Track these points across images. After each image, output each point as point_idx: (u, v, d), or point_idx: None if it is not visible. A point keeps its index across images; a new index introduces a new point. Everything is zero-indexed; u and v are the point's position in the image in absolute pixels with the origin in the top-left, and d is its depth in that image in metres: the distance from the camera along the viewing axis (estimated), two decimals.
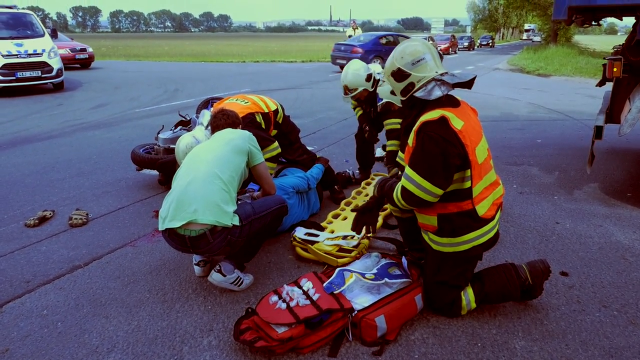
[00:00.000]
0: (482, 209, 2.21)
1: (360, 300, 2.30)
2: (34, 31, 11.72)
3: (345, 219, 3.58)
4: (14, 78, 10.79)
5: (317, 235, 3.14)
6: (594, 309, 2.49)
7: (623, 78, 4.20)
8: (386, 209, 3.55)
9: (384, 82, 2.38)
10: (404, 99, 2.32)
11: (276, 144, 3.74)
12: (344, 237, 3.10)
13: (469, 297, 2.38)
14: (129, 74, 16.85)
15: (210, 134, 2.99)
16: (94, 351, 2.21)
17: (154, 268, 3.00)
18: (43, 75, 11.19)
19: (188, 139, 3.37)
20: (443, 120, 2.10)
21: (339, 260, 2.88)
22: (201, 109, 4.86)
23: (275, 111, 3.90)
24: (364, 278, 2.40)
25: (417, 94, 2.22)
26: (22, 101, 10.27)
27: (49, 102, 10.18)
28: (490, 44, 49.35)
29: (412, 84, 2.24)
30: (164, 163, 4.19)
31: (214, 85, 13.60)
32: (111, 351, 2.21)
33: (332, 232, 3.27)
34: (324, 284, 2.36)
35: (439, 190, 2.13)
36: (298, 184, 3.55)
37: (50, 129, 7.43)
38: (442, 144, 2.08)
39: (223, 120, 2.94)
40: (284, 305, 2.23)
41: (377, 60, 16.12)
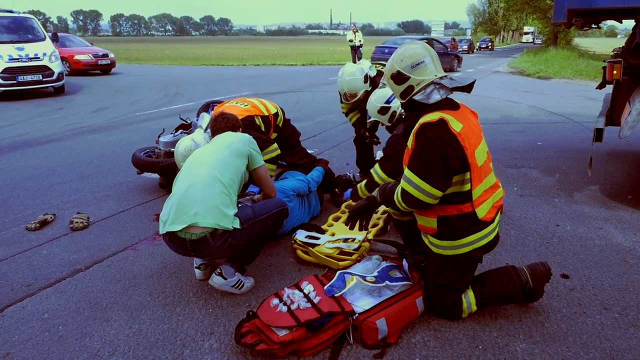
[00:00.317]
0: (482, 212, 2.21)
1: (361, 303, 2.30)
2: (35, 35, 11.76)
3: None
4: (15, 82, 10.83)
5: (318, 238, 3.14)
6: (595, 312, 2.49)
7: (623, 80, 4.21)
8: (386, 212, 3.55)
9: (384, 85, 2.38)
10: (404, 101, 2.33)
11: (275, 146, 3.74)
12: (345, 240, 3.10)
13: (469, 300, 2.38)
14: (130, 78, 16.90)
15: (210, 137, 3.00)
16: (95, 355, 2.22)
17: (155, 271, 3.00)
18: (44, 79, 11.25)
19: (187, 142, 3.37)
20: (442, 122, 2.10)
21: (340, 263, 2.89)
22: (202, 112, 4.87)
23: (275, 114, 3.91)
24: (365, 281, 2.40)
25: (416, 97, 2.22)
26: (23, 105, 10.30)
27: (50, 106, 10.21)
28: (489, 47, 48.87)
29: (412, 87, 2.25)
30: (165, 166, 4.20)
31: (215, 88, 13.62)
32: (112, 355, 2.21)
33: (333, 235, 3.27)
34: (325, 287, 2.37)
35: (438, 192, 2.13)
36: (298, 187, 3.55)
37: (51, 133, 7.45)
38: (441, 145, 2.08)
39: (223, 124, 2.95)
40: (285, 308, 2.23)
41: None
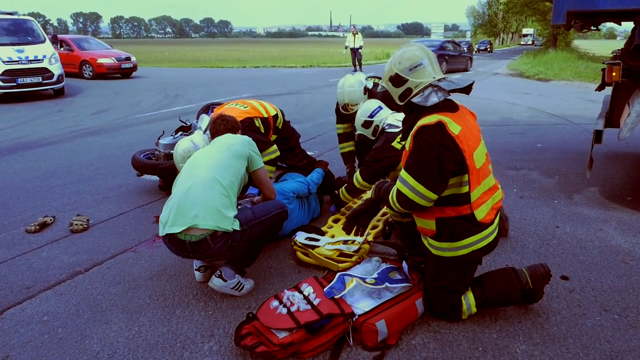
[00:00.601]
0: (481, 214, 2.21)
1: (361, 305, 2.30)
2: (34, 37, 11.78)
3: None
4: (15, 84, 10.84)
5: (318, 240, 3.14)
6: (595, 313, 2.49)
7: (622, 82, 4.22)
8: (386, 214, 3.55)
9: (383, 88, 2.38)
10: (402, 104, 2.33)
11: (275, 147, 3.74)
12: (345, 242, 3.10)
13: (469, 302, 2.38)
14: (130, 80, 16.91)
15: (210, 139, 3.00)
16: (94, 357, 2.21)
17: (154, 274, 3.00)
18: (44, 82, 11.26)
19: (186, 144, 3.38)
20: (440, 125, 2.10)
21: (340, 265, 2.88)
22: (201, 114, 4.88)
23: (275, 116, 3.91)
24: (365, 283, 2.40)
25: (414, 100, 2.22)
26: (23, 107, 10.30)
27: (50, 108, 10.22)
28: (488, 49, 48.51)
29: (410, 90, 2.25)
30: (165, 168, 4.20)
31: (215, 90, 13.64)
32: (112, 357, 2.21)
33: (333, 237, 3.27)
34: (325, 289, 2.37)
35: (433, 195, 2.13)
36: (298, 189, 3.56)
37: (51, 135, 7.45)
38: (439, 149, 2.08)
39: (222, 126, 2.95)
40: (285, 310, 2.23)
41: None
